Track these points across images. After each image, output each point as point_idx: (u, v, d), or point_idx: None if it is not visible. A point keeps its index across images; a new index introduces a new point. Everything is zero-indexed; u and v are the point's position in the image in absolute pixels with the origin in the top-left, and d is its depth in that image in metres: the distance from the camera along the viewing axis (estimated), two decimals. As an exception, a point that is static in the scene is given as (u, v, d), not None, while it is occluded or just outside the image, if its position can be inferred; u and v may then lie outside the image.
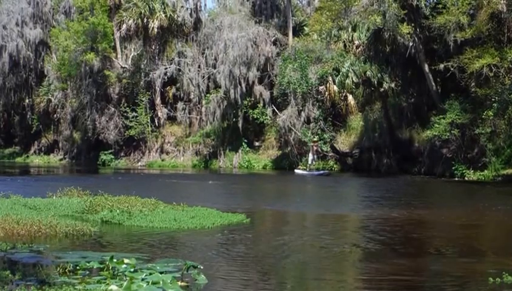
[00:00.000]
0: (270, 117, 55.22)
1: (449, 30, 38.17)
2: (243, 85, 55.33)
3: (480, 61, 36.55)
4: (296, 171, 46.38)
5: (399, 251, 14.48)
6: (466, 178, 38.07)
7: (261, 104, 55.67)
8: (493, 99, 36.02)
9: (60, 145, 72.00)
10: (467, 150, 39.10)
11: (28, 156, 74.50)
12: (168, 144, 62.24)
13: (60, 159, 70.17)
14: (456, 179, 38.11)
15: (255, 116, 55.41)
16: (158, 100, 62.07)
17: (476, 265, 12.46)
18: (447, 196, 30.06)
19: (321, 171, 45.61)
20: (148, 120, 61.48)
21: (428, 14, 40.25)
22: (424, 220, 20.36)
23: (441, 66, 39.16)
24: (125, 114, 61.32)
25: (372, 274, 11.76)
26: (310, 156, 47.68)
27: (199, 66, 61.11)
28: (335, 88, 50.26)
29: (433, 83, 42.01)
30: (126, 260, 11.31)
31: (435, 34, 39.43)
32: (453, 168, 39.04)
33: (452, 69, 38.59)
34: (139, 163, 61.54)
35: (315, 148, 47.94)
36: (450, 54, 38.75)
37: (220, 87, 56.47)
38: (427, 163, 41.46)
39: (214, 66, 59.07)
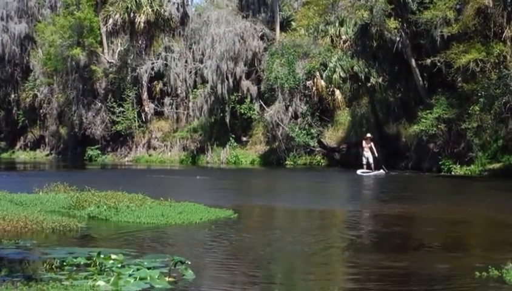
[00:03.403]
0: (257, 112, 55.24)
1: (435, 25, 38.22)
2: (230, 80, 55.32)
3: (466, 56, 36.62)
4: (359, 172, 39.85)
5: (387, 245, 14.50)
6: (452, 173, 38.17)
7: (249, 99, 55.69)
8: (479, 94, 36.08)
9: (46, 140, 71.91)
10: (454, 144, 39.18)
11: (13, 152, 74.42)
12: (156, 139, 62.18)
13: (47, 155, 70.10)
14: (443, 173, 38.20)
15: (242, 111, 55.43)
16: (144, 96, 61.97)
17: (463, 259, 12.49)
18: (434, 191, 30.11)
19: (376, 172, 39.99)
20: (135, 116, 61.40)
21: (415, 9, 40.26)
22: (411, 215, 20.39)
23: (428, 61, 39.19)
24: (112, 109, 61.21)
25: (359, 268, 11.77)
26: (366, 155, 41.01)
27: (186, 61, 61.04)
28: (323, 83, 50.33)
29: (420, 79, 42.08)
30: (113, 256, 11.28)
31: (422, 29, 39.46)
32: (440, 163, 39.12)
33: (439, 64, 38.63)
34: (126, 159, 61.47)
35: (369, 144, 41.33)
36: (437, 49, 38.80)
37: (207, 82, 56.45)
38: (414, 158, 41.53)
39: (201, 61, 59.00)
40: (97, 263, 10.97)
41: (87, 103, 62.68)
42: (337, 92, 52.03)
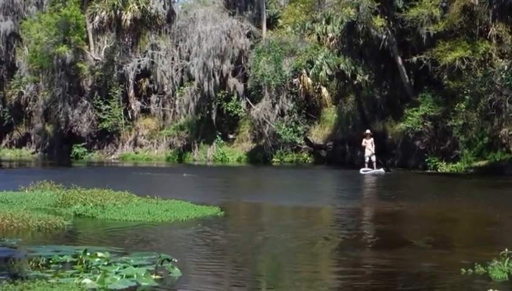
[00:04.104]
0: (244, 109, 55.24)
1: (422, 22, 38.31)
2: (217, 77, 55.33)
3: (452, 54, 36.75)
4: (362, 171, 38.47)
5: (373, 243, 14.54)
6: (438, 170, 38.30)
7: (235, 97, 55.71)
8: (465, 92, 36.21)
9: (32, 138, 71.55)
10: (440, 142, 39.33)
11: (-1, 150, 73.98)
12: (142, 137, 62.07)
13: (33, 152, 69.76)
14: (429, 171, 38.32)
15: (229, 109, 55.43)
16: (131, 93, 61.83)
17: (449, 256, 12.53)
18: (420, 188, 30.20)
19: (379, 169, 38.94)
20: (122, 113, 61.25)
21: (401, 6, 40.33)
22: (397, 212, 20.45)
23: (414, 59, 39.30)
24: (98, 106, 61.06)
25: (346, 266, 11.81)
26: (368, 152, 39.78)
27: (172, 59, 60.99)
28: (309, 80, 50.44)
29: (406, 76, 42.18)
30: (99, 254, 11.26)
31: (408, 27, 39.53)
32: (426, 160, 39.24)
33: (425, 62, 38.74)
34: (113, 156, 61.34)
35: (370, 140, 40.07)
36: (423, 47, 38.90)
37: (194, 80, 56.45)
38: (400, 156, 41.64)
39: (188, 59, 58.96)
40: (84, 261, 10.94)
41: (73, 100, 62.45)
42: (324, 89, 52.17)
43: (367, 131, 40.46)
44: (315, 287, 10.25)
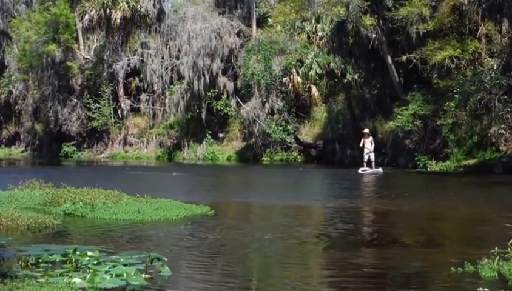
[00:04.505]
0: (234, 108, 55.30)
1: (411, 21, 38.41)
2: (207, 76, 55.36)
3: (441, 53, 36.86)
4: (360, 171, 37.45)
5: (363, 241, 14.54)
6: (428, 169, 38.37)
7: (225, 95, 55.77)
8: (455, 91, 36.31)
9: (21, 137, 71.45)
10: (429, 141, 39.42)
11: (-12, 148, 73.79)
12: (132, 136, 62.05)
13: (22, 151, 69.67)
14: (418, 169, 38.37)
15: (218, 108, 55.47)
16: (121, 92, 61.80)
17: (439, 255, 12.54)
18: (410, 187, 30.22)
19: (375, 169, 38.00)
20: (111, 112, 61.20)
21: (391, 6, 40.44)
22: (387, 211, 20.47)
23: (404, 58, 39.40)
24: (88, 105, 61.02)
25: (336, 265, 11.80)
26: (367, 151, 38.74)
27: (162, 58, 60.97)
28: (299, 79, 50.50)
29: (396, 75, 42.26)
30: (89, 253, 11.22)
31: (397, 26, 39.62)
32: (416, 159, 39.30)
33: (414, 61, 38.85)
34: (102, 155, 61.30)
35: (369, 139, 39.11)
36: (412, 46, 39.00)
37: (184, 78, 56.46)
38: (390, 155, 41.75)
39: (177, 58, 58.98)
40: (73, 260, 10.90)
41: (63, 99, 62.35)
42: (313, 88, 52.24)
43: (366, 130, 39.86)
44: (304, 286, 10.25)
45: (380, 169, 37.49)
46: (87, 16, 60.00)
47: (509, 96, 35.42)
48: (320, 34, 49.90)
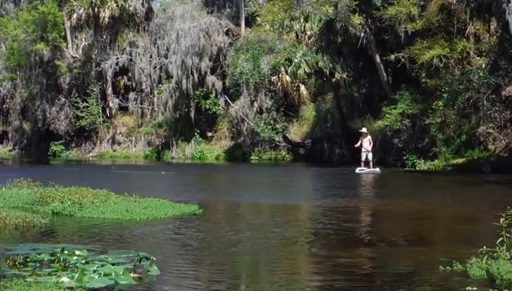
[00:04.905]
0: (222, 107, 55.31)
1: (400, 21, 38.44)
2: (195, 75, 55.31)
3: (430, 52, 36.93)
4: (358, 170, 36.79)
5: (351, 240, 14.53)
6: (417, 168, 38.45)
7: (214, 94, 55.75)
8: (443, 90, 36.39)
9: (9, 135, 71.18)
10: (418, 140, 39.49)
11: (-24, 148, 73.50)
12: (120, 135, 61.94)
13: (10, 150, 69.43)
14: (407, 168, 38.44)
15: (207, 107, 55.44)
16: (109, 91, 61.69)
17: (427, 254, 12.56)
18: (398, 186, 30.30)
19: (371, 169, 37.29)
20: (100, 111, 61.08)
21: (379, 5, 40.47)
22: (375, 209, 20.50)
23: (392, 57, 39.49)
24: (76, 104, 60.86)
25: (325, 264, 11.79)
26: (364, 151, 37.85)
27: (151, 57, 60.88)
28: (288, 78, 50.50)
29: (384, 74, 42.32)
30: (77, 252, 11.18)
31: (386, 25, 39.65)
32: (404, 158, 39.37)
33: (403, 60, 38.91)
34: (91, 154, 61.18)
35: (366, 138, 38.28)
36: (401, 45, 39.06)
37: (172, 77, 56.40)
38: (378, 153, 41.75)
39: (166, 57, 58.92)
40: (61, 259, 10.87)
41: (51, 98, 62.19)
42: (302, 87, 52.33)
43: (363, 129, 39.08)
44: (292, 286, 10.24)
45: (377, 169, 36.97)
46: (75, 15, 59.81)
47: (497, 95, 35.57)
48: (308, 33, 49.92)
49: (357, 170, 36.71)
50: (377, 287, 10.36)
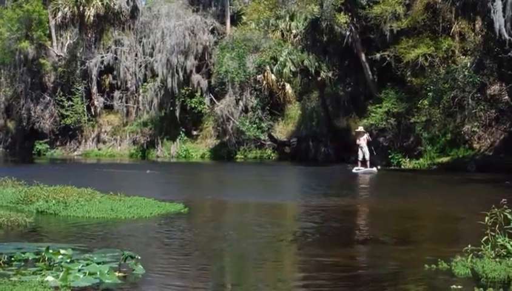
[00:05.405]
0: (208, 106, 55.24)
1: (385, 19, 38.50)
2: (180, 74, 55.22)
3: (415, 51, 37.02)
4: (354, 170, 36.10)
5: (337, 239, 14.54)
6: (402, 166, 38.53)
7: (199, 93, 55.65)
8: (428, 89, 36.45)
9: (-6, 134, 70.83)
10: (403, 138, 39.57)
11: (-40, 146, 73.11)
12: (105, 133, 61.77)
13: (-6, 149, 69.10)
14: (392, 167, 38.51)
15: (192, 105, 55.35)
16: (94, 89, 61.49)
17: (412, 252, 12.59)
18: (383, 185, 30.36)
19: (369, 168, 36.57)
20: (85, 109, 60.87)
21: (365, 3, 40.49)
22: (361, 209, 20.55)
23: (378, 55, 39.55)
24: (61, 103, 60.61)
25: (311, 263, 11.81)
26: (361, 150, 36.96)
27: (136, 55, 60.69)
28: (273, 77, 50.52)
29: (370, 73, 42.37)
30: (62, 251, 11.15)
31: (371, 24, 39.70)
32: (389, 156, 39.42)
33: (388, 59, 39.00)
34: (75, 153, 60.96)
35: (363, 137, 37.28)
36: (386, 44, 39.14)
37: (157, 76, 56.25)
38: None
39: (151, 55, 58.76)
40: (46, 258, 10.84)
41: (36, 97, 61.94)
42: (287, 86, 52.35)
43: (360, 128, 38.31)
44: (278, 284, 10.24)
45: (374, 169, 36.36)
46: (60, 13, 59.54)
47: (482, 93, 35.67)
48: (294, 31, 49.94)
49: (354, 170, 36.21)
50: (362, 285, 10.36)
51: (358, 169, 36.27)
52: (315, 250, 12.88)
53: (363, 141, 37.10)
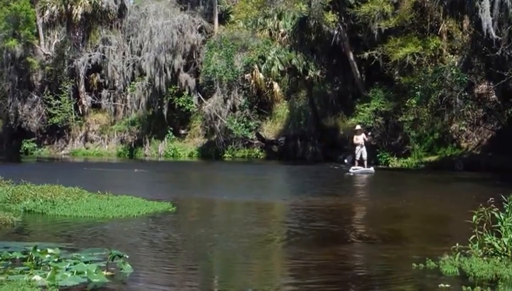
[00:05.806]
0: (195, 105, 55.19)
1: (373, 18, 38.55)
2: (168, 72, 55.15)
3: (403, 50, 37.07)
4: (351, 170, 35.28)
5: (325, 238, 14.54)
6: (390, 165, 38.60)
7: (187, 92, 55.58)
8: (416, 88, 36.51)
9: (-20, 133, 70.55)
10: (391, 137, 39.65)
11: None
12: (93, 132, 61.61)
13: (-19, 148, 68.82)
14: (380, 166, 38.54)
15: (180, 104, 55.28)
16: (82, 88, 61.32)
17: (400, 251, 12.60)
18: (371, 184, 30.37)
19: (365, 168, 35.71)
20: (72, 108, 60.69)
21: (353, 2, 40.53)
22: (349, 208, 20.56)
23: (366, 54, 39.57)
24: (49, 101, 60.43)
25: (299, 262, 11.78)
26: (359, 149, 36.47)
27: (124, 54, 60.53)
28: (261, 76, 50.52)
29: (358, 72, 42.42)
30: (50, 250, 11.11)
31: (359, 23, 39.74)
32: (377, 155, 39.46)
33: (376, 57, 39.03)
34: (63, 152, 60.77)
35: (361, 135, 36.62)
36: (374, 43, 39.17)
37: (145, 75, 56.17)
38: (352, 151, 41.82)
39: (139, 54, 58.62)
40: (34, 257, 10.79)
41: (23, 95, 61.75)
42: (275, 85, 52.36)
43: (358, 126, 37.33)
44: (265, 284, 10.23)
45: (371, 168, 35.40)
46: (47, 12, 59.40)
47: (470, 93, 35.76)
48: (282, 30, 49.94)
49: (351, 170, 35.44)
50: (350, 284, 10.36)
51: (355, 169, 35.54)
52: (303, 249, 12.87)
53: (361, 140, 36.55)
